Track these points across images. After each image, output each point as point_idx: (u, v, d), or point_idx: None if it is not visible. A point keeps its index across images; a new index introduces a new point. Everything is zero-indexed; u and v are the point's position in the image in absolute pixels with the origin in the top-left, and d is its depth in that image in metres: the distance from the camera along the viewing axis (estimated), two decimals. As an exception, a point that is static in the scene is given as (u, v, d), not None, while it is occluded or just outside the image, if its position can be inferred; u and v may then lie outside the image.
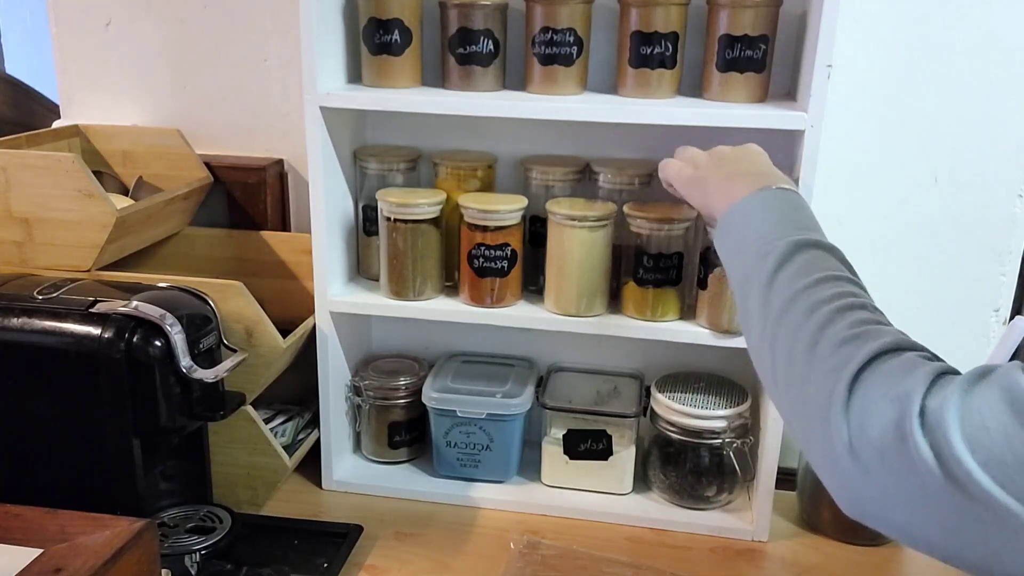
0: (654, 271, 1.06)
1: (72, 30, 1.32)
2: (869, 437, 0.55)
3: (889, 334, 0.61)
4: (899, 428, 0.53)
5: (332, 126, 1.08)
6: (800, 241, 0.73)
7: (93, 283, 0.98)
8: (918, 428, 0.52)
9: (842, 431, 0.56)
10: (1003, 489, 0.48)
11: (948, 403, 0.51)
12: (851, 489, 0.57)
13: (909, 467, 0.52)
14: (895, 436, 0.53)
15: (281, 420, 1.21)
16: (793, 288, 0.68)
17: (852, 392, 0.57)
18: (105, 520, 0.76)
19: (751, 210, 0.80)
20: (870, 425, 0.55)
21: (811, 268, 0.70)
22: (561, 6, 1.03)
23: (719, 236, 0.82)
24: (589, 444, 1.17)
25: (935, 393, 0.53)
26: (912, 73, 1.12)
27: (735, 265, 0.78)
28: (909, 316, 1.20)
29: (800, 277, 0.69)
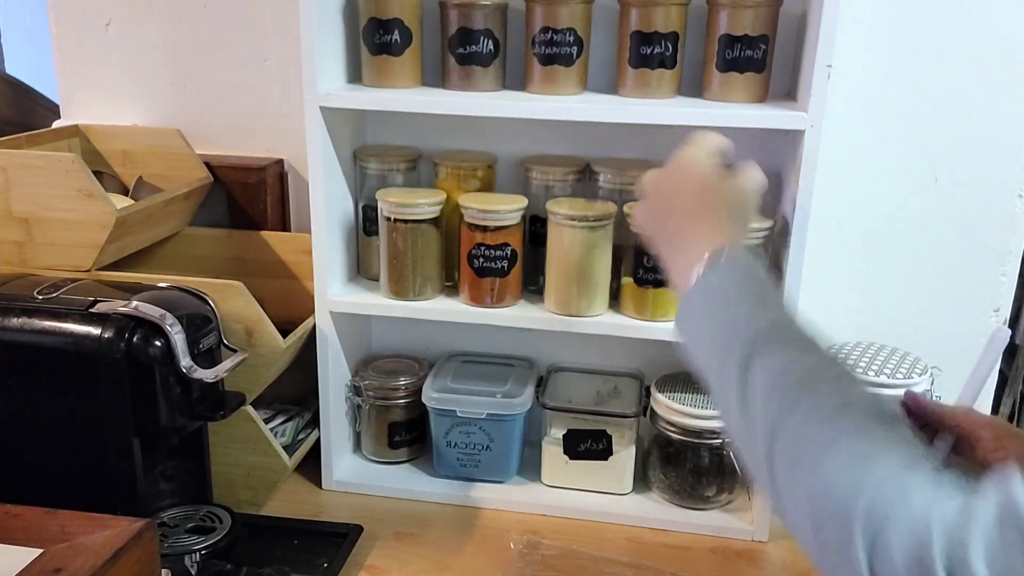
0: (654, 271, 1.06)
1: (72, 30, 1.32)
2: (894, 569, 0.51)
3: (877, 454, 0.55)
4: (923, 565, 0.49)
5: (332, 126, 1.08)
6: (758, 336, 0.66)
7: (93, 283, 0.98)
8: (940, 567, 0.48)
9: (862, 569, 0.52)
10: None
11: (970, 552, 0.48)
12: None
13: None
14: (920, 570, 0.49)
15: (281, 420, 1.21)
16: (765, 412, 0.62)
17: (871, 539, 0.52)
18: (105, 520, 0.76)
19: (699, 303, 0.73)
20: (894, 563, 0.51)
21: (773, 384, 0.63)
22: (561, 6, 1.03)
23: (677, 320, 0.76)
24: (589, 444, 1.17)
25: (955, 525, 0.49)
26: (912, 73, 1.12)
27: (702, 365, 0.72)
28: (909, 316, 1.21)
29: (766, 400, 0.62)
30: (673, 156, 0.84)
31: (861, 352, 1.14)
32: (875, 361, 1.11)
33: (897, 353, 1.13)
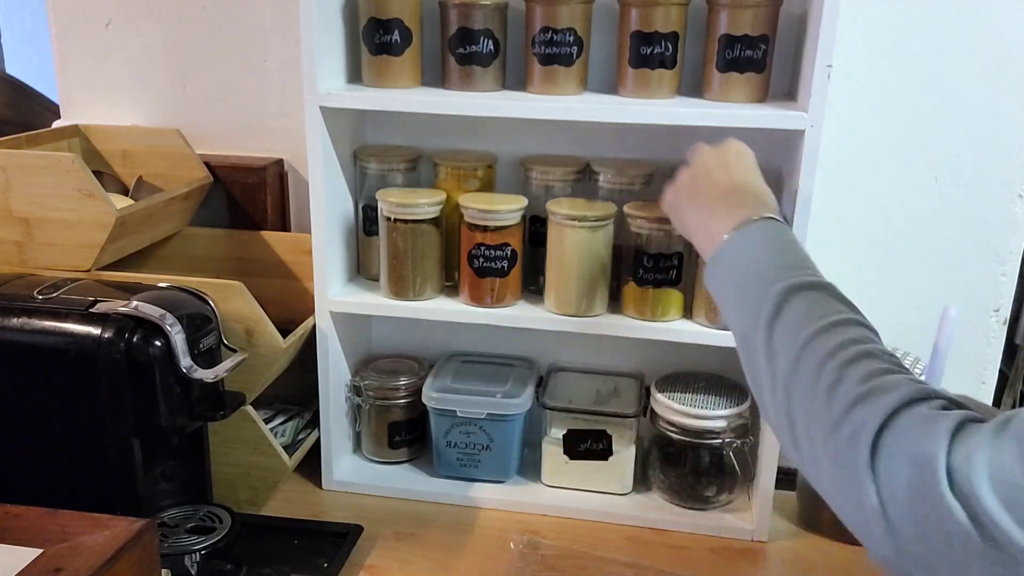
0: (654, 271, 1.06)
1: (72, 30, 1.32)
2: (899, 502, 0.53)
3: (900, 385, 0.58)
4: (929, 492, 0.51)
5: (332, 126, 1.08)
6: (793, 285, 0.69)
7: (93, 283, 0.98)
8: (948, 491, 0.50)
9: (871, 497, 0.54)
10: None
11: (975, 461, 0.50)
12: (888, 551, 0.55)
13: (944, 530, 0.50)
14: (926, 501, 0.51)
15: (281, 420, 1.21)
16: (795, 344, 0.65)
17: (875, 457, 0.55)
18: (105, 520, 0.76)
19: (736, 254, 0.77)
20: (898, 490, 0.53)
21: (809, 316, 0.67)
22: (561, 6, 1.03)
23: (709, 284, 0.80)
24: (589, 444, 1.17)
25: (958, 449, 0.51)
26: (912, 73, 1.12)
27: (733, 320, 0.75)
28: (909, 316, 1.21)
29: (800, 329, 0.66)
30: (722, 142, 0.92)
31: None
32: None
33: (897, 353, 1.13)
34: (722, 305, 0.78)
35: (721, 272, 0.78)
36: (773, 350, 0.67)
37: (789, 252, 0.76)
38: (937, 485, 0.50)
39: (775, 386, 0.66)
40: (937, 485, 0.50)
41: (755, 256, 0.76)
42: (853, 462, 0.56)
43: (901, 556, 0.54)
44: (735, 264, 0.77)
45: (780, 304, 0.68)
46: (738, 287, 0.75)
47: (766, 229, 0.78)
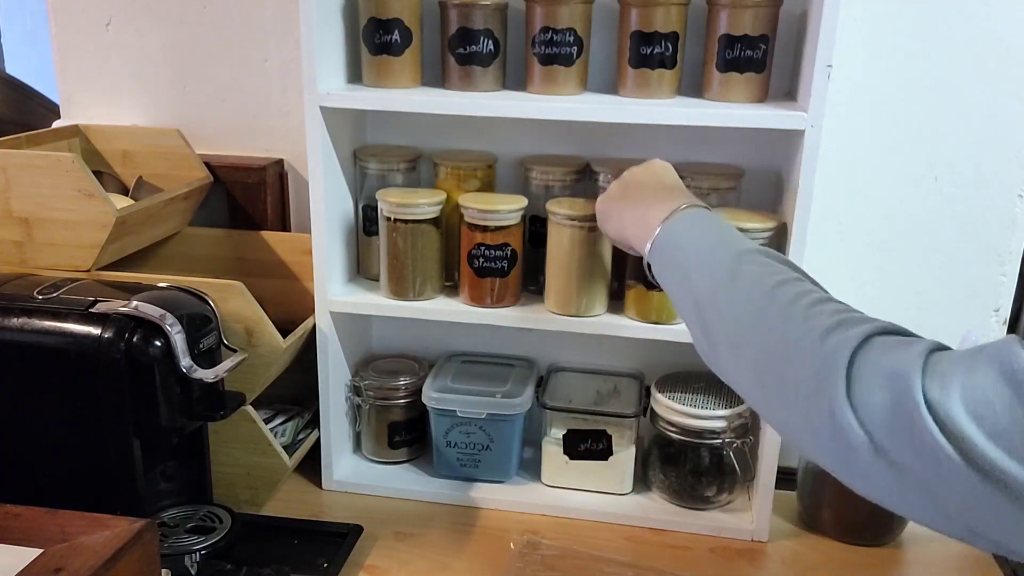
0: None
1: (72, 30, 1.32)
2: (875, 424, 0.54)
3: (869, 320, 0.60)
4: (904, 413, 0.52)
5: (332, 126, 1.08)
6: (745, 250, 0.73)
7: (93, 283, 0.98)
8: (924, 410, 0.51)
9: (848, 422, 0.55)
10: (1013, 460, 0.48)
11: (949, 382, 0.51)
12: (864, 476, 0.57)
13: (920, 449, 0.51)
14: (902, 421, 0.53)
15: (281, 420, 1.21)
16: (757, 294, 0.67)
17: (850, 387, 0.56)
18: (105, 520, 0.76)
19: (678, 234, 0.80)
20: (874, 411, 0.54)
21: (765, 274, 0.69)
22: (561, 6, 1.03)
23: (657, 273, 0.82)
24: (589, 444, 1.17)
25: (933, 372, 0.52)
26: (912, 73, 1.12)
27: (682, 296, 0.76)
28: (909, 316, 1.21)
29: (758, 284, 0.68)
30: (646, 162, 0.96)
31: None
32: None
33: (897, 353, 1.13)
34: (670, 284, 0.80)
35: (666, 254, 0.80)
36: (735, 301, 0.69)
37: (728, 231, 0.80)
38: (913, 406, 0.52)
39: (738, 336, 0.68)
40: (913, 406, 0.52)
41: (699, 233, 0.79)
42: (827, 388, 0.57)
43: (898, 478, 0.54)
44: (678, 242, 0.80)
45: (736, 267, 0.71)
46: (684, 267, 0.77)
47: (702, 214, 0.82)
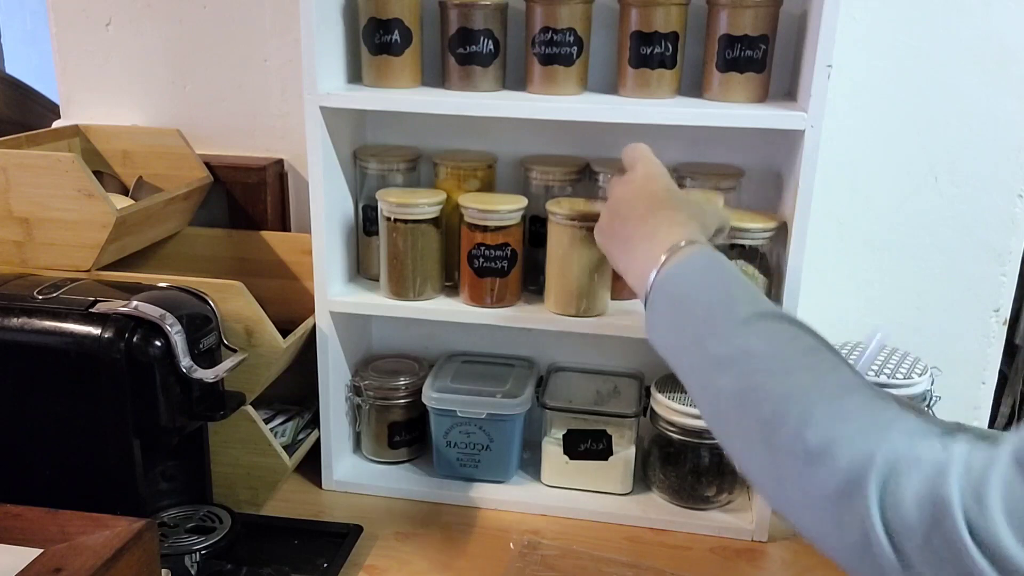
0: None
1: (72, 30, 1.32)
2: (910, 546, 0.50)
3: (895, 420, 0.55)
4: (943, 536, 0.49)
5: (332, 126, 1.08)
6: (751, 315, 0.65)
7: (93, 283, 0.98)
8: (966, 536, 0.48)
9: (880, 540, 0.51)
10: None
11: (987, 497, 0.48)
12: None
13: (958, 569, 0.48)
14: (940, 544, 0.49)
15: (281, 420, 1.21)
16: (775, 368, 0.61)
17: (883, 496, 0.52)
18: (105, 520, 0.76)
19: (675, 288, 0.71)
20: (910, 534, 0.50)
21: (779, 348, 0.63)
22: (561, 6, 1.03)
23: (648, 327, 0.74)
24: (589, 444, 1.17)
25: (967, 487, 0.49)
26: (912, 73, 1.12)
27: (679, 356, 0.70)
28: (909, 316, 1.21)
29: (774, 359, 0.62)
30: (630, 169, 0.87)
31: (861, 352, 1.14)
32: (875, 361, 1.11)
33: (897, 353, 1.13)
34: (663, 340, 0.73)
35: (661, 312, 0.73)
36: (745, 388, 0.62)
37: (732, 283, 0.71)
38: (956, 532, 0.48)
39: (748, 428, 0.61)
40: (956, 532, 0.48)
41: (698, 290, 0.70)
42: (860, 507, 0.52)
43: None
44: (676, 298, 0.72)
45: (746, 336, 0.64)
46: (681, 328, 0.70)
47: (697, 261, 0.73)
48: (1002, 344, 1.22)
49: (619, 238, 0.82)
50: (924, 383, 1.10)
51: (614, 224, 0.84)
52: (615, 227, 0.84)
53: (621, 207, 0.84)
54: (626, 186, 0.85)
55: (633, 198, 0.83)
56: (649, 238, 0.76)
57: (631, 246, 0.79)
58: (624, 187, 0.85)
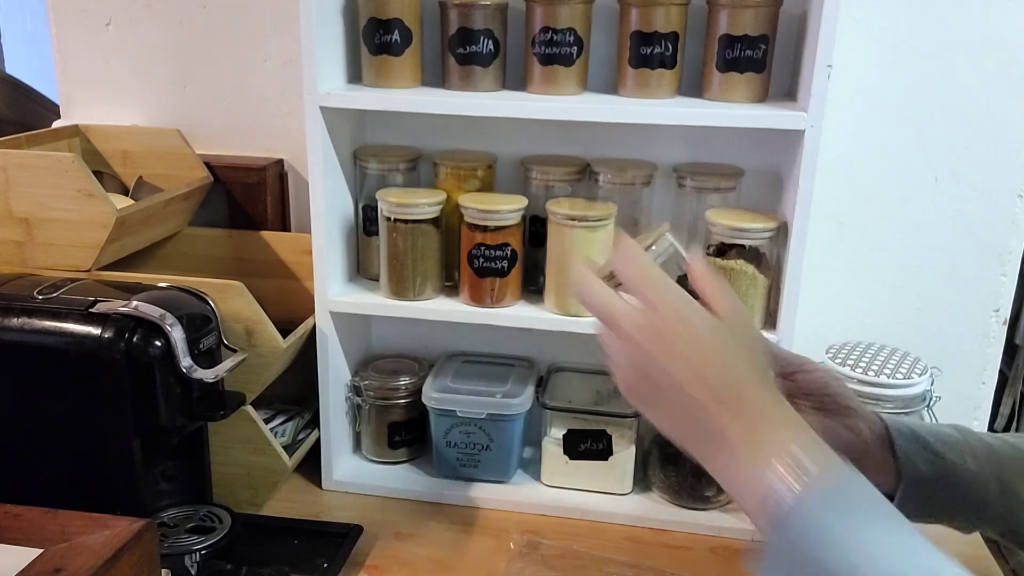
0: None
1: (72, 30, 1.32)
2: None
3: None
4: None
5: (332, 126, 1.08)
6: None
7: (93, 283, 0.98)
8: None
9: None
10: None
11: None
12: None
13: None
14: None
15: (281, 420, 1.21)
16: None
17: None
18: (105, 520, 0.76)
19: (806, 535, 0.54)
20: None
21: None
22: (561, 6, 1.03)
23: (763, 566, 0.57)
24: (589, 444, 1.17)
25: None
26: (912, 73, 1.12)
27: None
28: (909, 316, 1.21)
29: None
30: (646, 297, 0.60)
31: (861, 352, 1.14)
32: (875, 361, 1.11)
33: (897, 353, 1.13)
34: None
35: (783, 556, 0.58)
36: None
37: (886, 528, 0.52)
38: None
39: None
40: None
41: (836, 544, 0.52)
42: None
43: None
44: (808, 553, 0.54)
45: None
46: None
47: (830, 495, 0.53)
48: (1002, 344, 1.22)
49: (684, 417, 0.59)
50: (924, 383, 1.10)
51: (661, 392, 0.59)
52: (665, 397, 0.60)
53: (667, 364, 0.59)
54: (653, 331, 0.59)
55: (678, 356, 0.58)
56: (748, 432, 0.56)
57: (708, 435, 0.58)
58: (652, 332, 0.59)
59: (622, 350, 0.61)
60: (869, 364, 1.11)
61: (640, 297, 0.61)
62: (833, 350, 1.15)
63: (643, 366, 0.60)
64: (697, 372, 0.58)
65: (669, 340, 0.59)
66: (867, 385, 1.09)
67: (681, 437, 0.60)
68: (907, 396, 1.09)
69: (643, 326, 0.60)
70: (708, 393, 0.58)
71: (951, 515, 0.76)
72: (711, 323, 0.60)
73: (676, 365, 0.58)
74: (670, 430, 0.61)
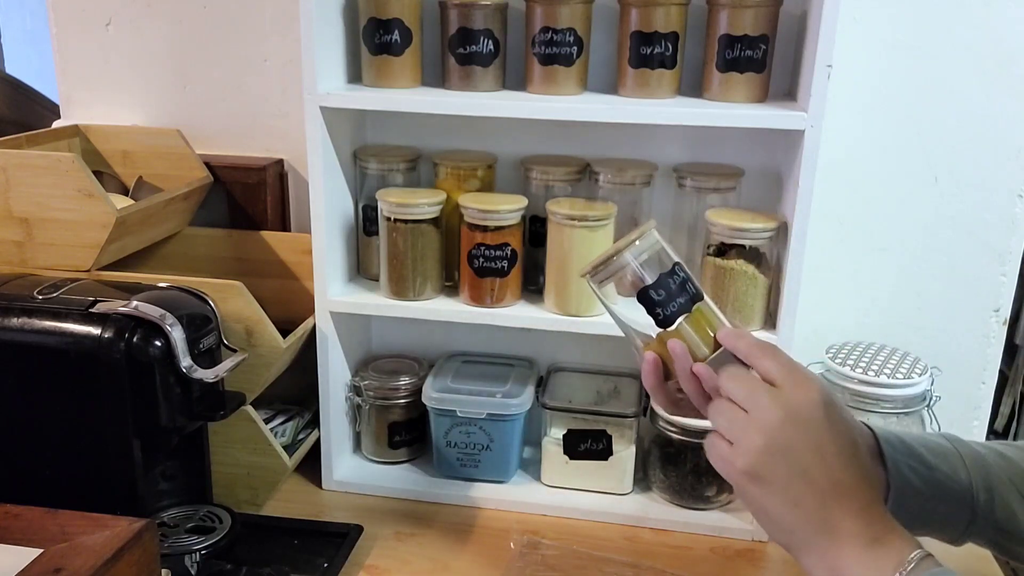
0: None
1: (72, 30, 1.32)
2: None
3: None
4: None
5: (332, 126, 1.08)
6: None
7: (93, 283, 0.98)
8: None
9: None
10: None
11: None
12: None
13: None
14: None
15: (281, 420, 1.21)
16: None
17: None
18: (105, 520, 0.76)
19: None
20: None
21: None
22: (561, 6, 1.03)
23: None
24: (589, 444, 1.17)
25: None
26: (912, 73, 1.12)
27: None
28: (909, 316, 1.21)
29: None
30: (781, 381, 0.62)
31: (861, 352, 1.14)
32: (875, 361, 1.11)
33: (897, 353, 1.13)
34: None
35: None
36: None
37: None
38: None
39: None
40: None
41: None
42: None
43: None
44: None
45: None
46: None
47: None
48: (1002, 344, 1.22)
49: (794, 504, 0.60)
50: (924, 383, 1.10)
51: (779, 474, 0.60)
52: (782, 480, 0.60)
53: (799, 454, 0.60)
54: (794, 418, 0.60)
55: (813, 446, 0.60)
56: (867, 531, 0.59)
57: (817, 526, 0.60)
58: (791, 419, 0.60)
59: (753, 425, 0.61)
60: (869, 364, 1.11)
61: (770, 373, 0.63)
62: (833, 350, 1.15)
63: (773, 443, 0.60)
64: (824, 459, 0.59)
65: (810, 427, 0.60)
66: (867, 385, 1.09)
67: (784, 525, 0.61)
68: (907, 396, 1.09)
69: (785, 405, 0.61)
70: (828, 483, 0.59)
71: (941, 526, 0.75)
72: (835, 410, 0.62)
73: (806, 447, 0.60)
74: (776, 515, 0.62)
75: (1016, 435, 1.61)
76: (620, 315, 0.78)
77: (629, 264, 0.74)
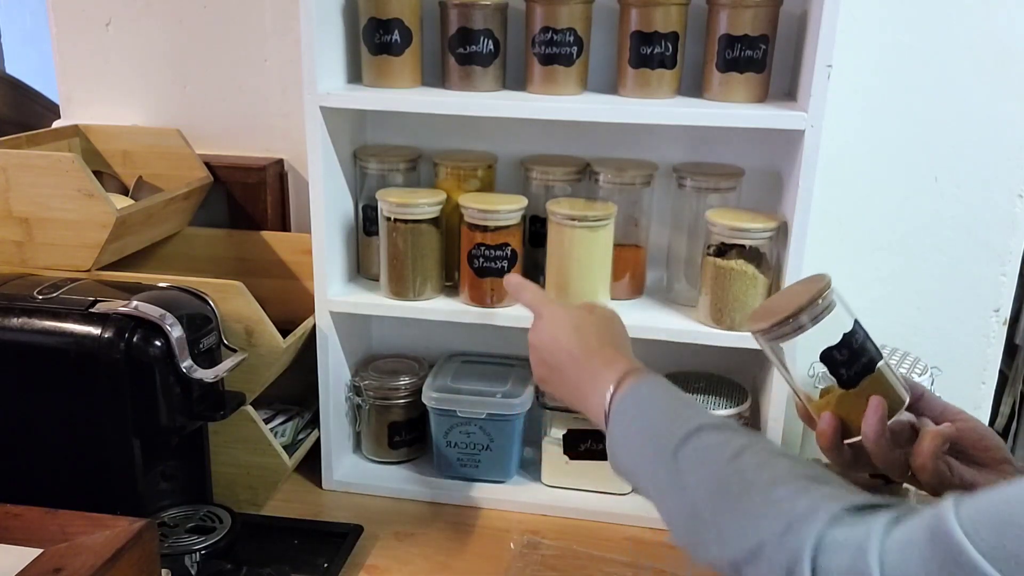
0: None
1: (72, 30, 1.32)
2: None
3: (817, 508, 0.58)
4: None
5: (332, 126, 1.08)
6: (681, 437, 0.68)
7: (93, 283, 0.98)
8: None
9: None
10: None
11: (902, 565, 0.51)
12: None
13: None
14: None
15: (281, 420, 1.21)
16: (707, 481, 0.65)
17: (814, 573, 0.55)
18: (105, 520, 0.76)
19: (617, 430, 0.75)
20: None
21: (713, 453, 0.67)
22: (561, 6, 1.03)
23: (610, 458, 0.77)
24: (589, 444, 1.16)
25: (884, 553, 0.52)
26: (912, 73, 1.12)
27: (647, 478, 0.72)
28: (909, 316, 1.21)
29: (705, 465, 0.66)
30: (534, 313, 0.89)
31: None
32: (875, 361, 1.11)
33: (897, 353, 1.13)
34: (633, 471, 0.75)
35: (614, 452, 0.76)
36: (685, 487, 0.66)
37: (662, 406, 0.75)
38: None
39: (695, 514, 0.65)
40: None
41: (632, 425, 0.74)
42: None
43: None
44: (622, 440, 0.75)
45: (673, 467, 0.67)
46: (633, 456, 0.74)
47: (627, 397, 0.76)
48: (1002, 344, 1.22)
49: (568, 386, 0.84)
50: (924, 383, 1.10)
51: (553, 376, 0.85)
52: (555, 378, 0.85)
53: (548, 357, 0.85)
54: (541, 335, 0.86)
55: (555, 348, 0.85)
56: (592, 378, 0.80)
57: (580, 389, 0.82)
58: (540, 336, 0.86)
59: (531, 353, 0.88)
60: (869, 364, 1.11)
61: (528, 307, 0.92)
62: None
63: (541, 355, 0.86)
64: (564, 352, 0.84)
65: (549, 335, 0.86)
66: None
67: (570, 400, 0.84)
68: (907, 396, 1.09)
69: (535, 328, 0.88)
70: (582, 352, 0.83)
71: None
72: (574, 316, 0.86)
73: (555, 352, 0.84)
74: (565, 398, 0.85)
75: (1016, 435, 1.61)
76: (789, 371, 0.77)
77: (806, 326, 0.73)
